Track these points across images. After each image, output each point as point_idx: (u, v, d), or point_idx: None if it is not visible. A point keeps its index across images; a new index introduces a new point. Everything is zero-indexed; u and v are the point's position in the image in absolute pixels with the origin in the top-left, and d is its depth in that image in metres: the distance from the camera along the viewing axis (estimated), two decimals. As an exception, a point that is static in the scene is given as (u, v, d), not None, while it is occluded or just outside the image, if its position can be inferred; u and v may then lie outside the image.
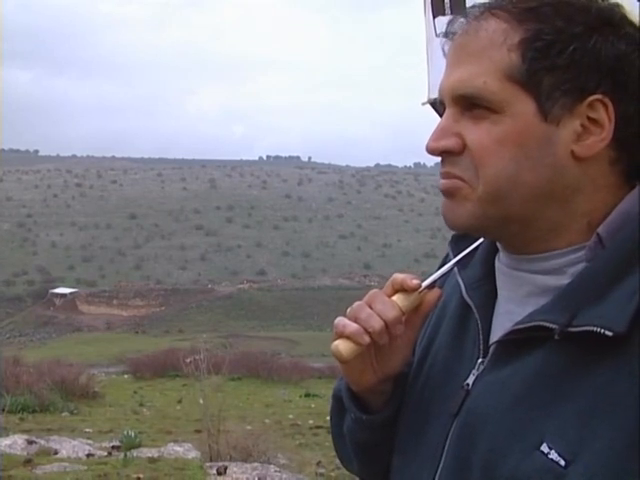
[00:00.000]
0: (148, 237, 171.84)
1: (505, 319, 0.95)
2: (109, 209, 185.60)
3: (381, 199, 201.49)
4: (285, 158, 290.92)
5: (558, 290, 0.89)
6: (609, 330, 0.80)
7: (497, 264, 1.00)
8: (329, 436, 1.24)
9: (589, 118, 0.88)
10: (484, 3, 0.94)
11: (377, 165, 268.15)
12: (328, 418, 1.23)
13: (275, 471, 8.83)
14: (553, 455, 0.81)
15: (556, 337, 0.84)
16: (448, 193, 0.93)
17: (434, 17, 2.22)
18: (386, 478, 1.10)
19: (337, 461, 1.32)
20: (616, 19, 0.90)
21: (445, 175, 0.94)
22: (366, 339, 0.96)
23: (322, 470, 10.04)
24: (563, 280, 0.90)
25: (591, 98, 0.87)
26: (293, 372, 27.67)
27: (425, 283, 1.01)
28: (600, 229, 0.89)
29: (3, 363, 18.39)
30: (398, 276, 1.00)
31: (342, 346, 0.97)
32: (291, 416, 17.73)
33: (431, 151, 0.93)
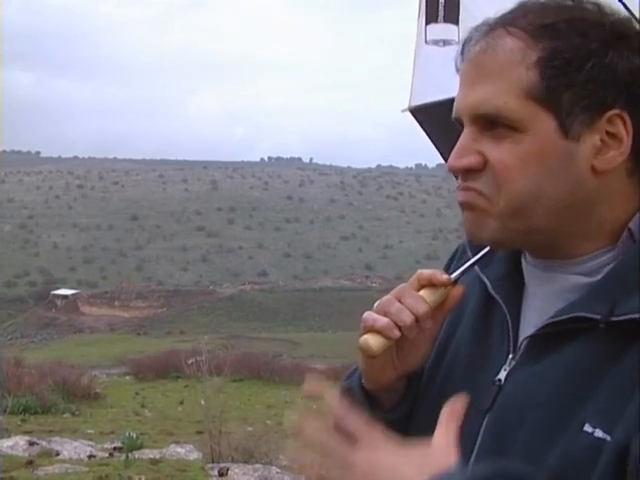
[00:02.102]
0: (150, 238, 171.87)
1: (535, 315, 0.96)
2: (111, 210, 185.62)
3: (383, 200, 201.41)
4: (286, 159, 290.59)
5: (591, 285, 0.91)
6: None
7: (524, 264, 1.01)
8: None
9: (608, 133, 0.90)
10: (498, 19, 0.94)
11: (378, 166, 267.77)
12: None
13: (277, 472, 8.83)
14: (598, 433, 0.83)
15: (601, 326, 0.86)
16: (467, 206, 0.95)
17: (427, 24, 2.19)
18: None
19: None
20: (630, 33, 0.92)
21: (465, 188, 0.94)
22: (397, 333, 0.96)
23: (323, 472, 10.00)
24: (592, 278, 0.92)
25: (610, 113, 0.89)
26: (294, 373, 27.62)
27: (452, 277, 1.03)
28: (631, 224, 0.92)
29: (5, 364, 18.37)
30: (425, 271, 1.01)
31: (372, 340, 0.96)
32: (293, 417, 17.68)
33: (453, 170, 0.95)
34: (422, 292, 1.00)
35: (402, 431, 1.05)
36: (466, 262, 1.06)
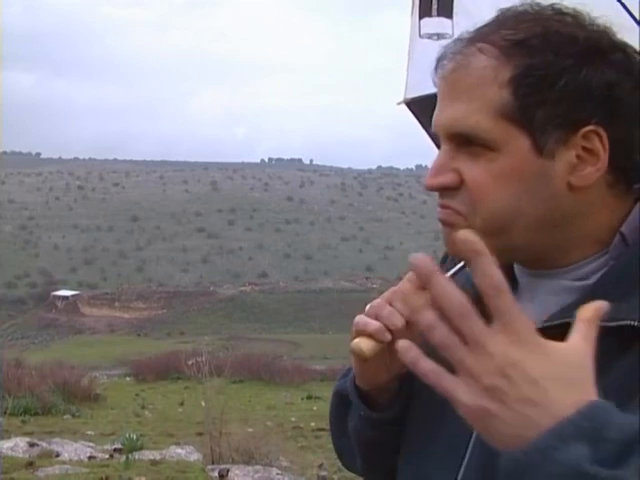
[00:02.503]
0: (150, 239, 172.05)
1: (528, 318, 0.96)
2: (111, 211, 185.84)
3: (383, 201, 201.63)
4: (287, 160, 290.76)
5: (584, 289, 0.91)
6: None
7: (517, 270, 1.01)
8: (331, 438, 1.24)
9: (584, 148, 0.89)
10: (471, 35, 0.94)
11: (379, 167, 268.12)
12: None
13: (277, 474, 8.83)
14: None
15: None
16: (446, 223, 0.95)
17: (420, 18, 2.21)
18: (391, 477, 1.10)
19: (339, 463, 1.31)
20: (604, 46, 0.91)
21: (443, 206, 0.95)
22: (388, 337, 0.97)
23: (324, 473, 10.01)
24: (585, 282, 0.92)
25: (585, 129, 0.88)
26: (295, 374, 27.64)
27: None
28: (623, 228, 0.91)
29: (5, 365, 18.38)
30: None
31: (363, 344, 0.97)
32: (293, 419, 17.71)
33: (429, 188, 0.95)
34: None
35: (395, 431, 1.07)
36: (457, 264, 1.07)
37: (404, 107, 2.41)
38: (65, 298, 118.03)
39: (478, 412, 0.68)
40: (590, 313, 0.75)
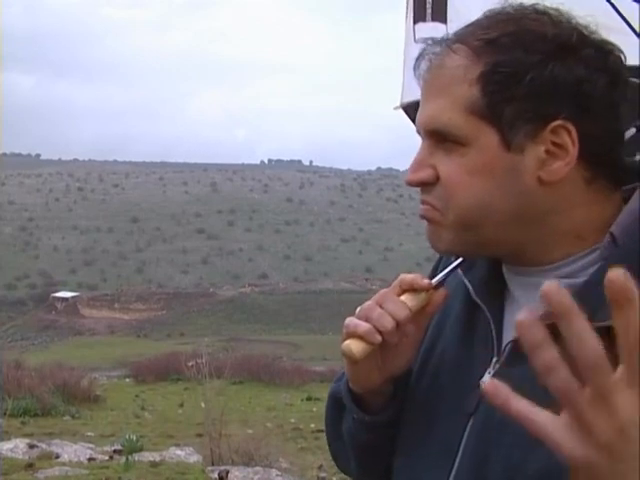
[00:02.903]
0: (150, 241, 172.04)
1: (517, 318, 0.93)
2: (111, 213, 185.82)
3: (383, 203, 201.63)
4: (287, 162, 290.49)
5: (574, 289, 0.90)
6: None
7: (505, 269, 1.02)
8: (327, 441, 1.25)
9: (553, 143, 0.90)
10: (449, 36, 0.97)
11: (379, 169, 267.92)
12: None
13: (277, 475, 8.84)
14: None
15: None
16: (425, 218, 0.98)
17: (415, 23, 2.21)
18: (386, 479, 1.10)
19: (338, 464, 1.30)
20: (573, 43, 0.91)
21: (422, 202, 0.98)
22: (378, 338, 0.97)
23: (324, 474, 10.01)
24: (576, 280, 0.92)
25: (553, 124, 0.90)
26: (295, 376, 27.61)
27: (433, 282, 1.03)
28: (613, 228, 0.91)
29: (5, 367, 18.36)
30: (407, 276, 1.02)
31: (354, 345, 0.97)
32: (293, 420, 17.70)
33: (409, 183, 0.98)
34: (404, 297, 1.00)
35: (389, 434, 1.07)
36: (449, 265, 1.08)
37: (400, 92, 2.42)
38: (65, 299, 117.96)
39: (586, 463, 0.64)
40: None
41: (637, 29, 1.35)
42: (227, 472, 8.53)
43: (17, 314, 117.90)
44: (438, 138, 0.94)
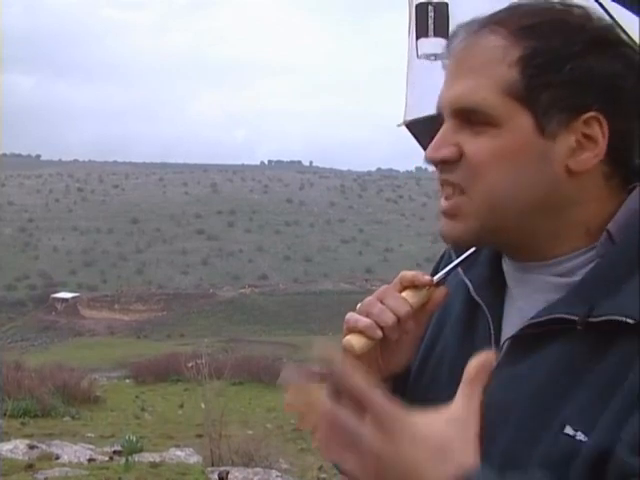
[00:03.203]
0: (150, 242, 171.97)
1: (516, 316, 0.97)
2: (111, 214, 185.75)
3: (383, 203, 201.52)
4: (287, 162, 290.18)
5: (571, 286, 0.92)
6: (630, 318, 0.84)
7: (505, 267, 1.02)
8: None
9: (584, 134, 0.91)
10: (483, 18, 0.96)
11: (378, 169, 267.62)
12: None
13: (277, 476, 8.84)
14: (580, 436, 0.84)
15: (579, 327, 0.87)
16: (450, 214, 0.96)
17: (417, 38, 2.20)
18: None
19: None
20: (612, 39, 0.94)
21: (442, 182, 0.97)
22: (379, 333, 0.97)
23: (324, 475, 10.01)
24: (572, 278, 0.93)
25: (586, 115, 0.90)
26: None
27: (434, 279, 1.04)
28: (610, 226, 0.92)
29: (5, 367, 18.36)
30: (408, 273, 1.02)
31: (354, 340, 0.97)
32: (293, 421, 17.65)
33: (430, 160, 0.96)
34: (405, 293, 1.01)
35: None
36: (449, 263, 1.08)
37: (404, 110, 2.41)
38: (65, 300, 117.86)
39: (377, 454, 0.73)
40: (474, 373, 0.78)
41: (625, 29, 1.34)
42: (227, 473, 8.54)
43: (17, 315, 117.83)
44: (465, 118, 0.93)
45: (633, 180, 0.96)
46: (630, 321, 0.83)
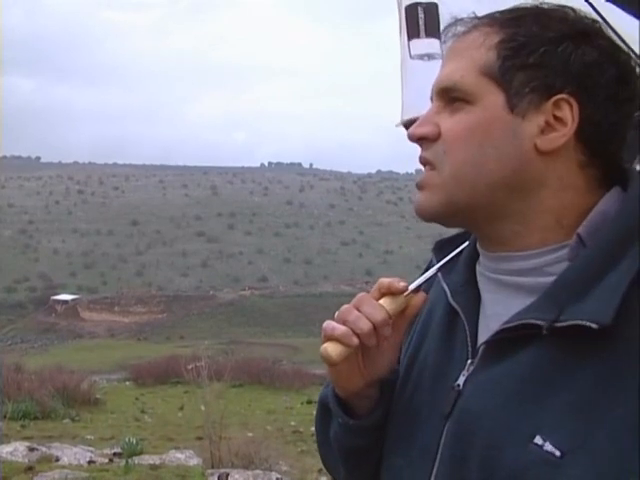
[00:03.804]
0: (150, 244, 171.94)
1: (491, 321, 0.97)
2: (111, 216, 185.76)
3: (383, 205, 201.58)
4: (287, 165, 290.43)
5: (542, 289, 0.92)
6: (595, 323, 0.83)
7: (478, 269, 1.03)
8: (317, 445, 1.25)
9: (554, 116, 0.93)
10: (475, 16, 1.03)
11: (378, 171, 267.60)
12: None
13: (277, 478, 8.81)
14: (547, 447, 0.83)
15: (544, 332, 0.87)
16: (420, 186, 0.99)
17: (409, 39, 2.21)
18: None
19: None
20: (591, 31, 0.97)
21: (420, 159, 1.00)
22: (355, 341, 0.98)
23: (324, 477, 9.99)
24: (544, 279, 0.93)
25: (557, 97, 0.93)
26: (295, 379, 27.61)
27: (411, 287, 1.03)
28: (580, 229, 0.92)
29: (4, 370, 18.35)
30: (385, 280, 1.03)
31: (331, 348, 0.98)
32: (293, 423, 17.71)
33: (410, 136, 1.00)
34: (382, 300, 1.01)
35: (375, 438, 1.09)
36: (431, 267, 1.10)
37: (399, 120, 2.43)
38: (65, 302, 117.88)
39: None
40: None
41: (619, 32, 1.34)
42: (227, 475, 8.52)
43: (17, 317, 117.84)
44: (448, 99, 0.98)
45: (614, 175, 0.96)
46: (594, 326, 0.83)
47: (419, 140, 0.99)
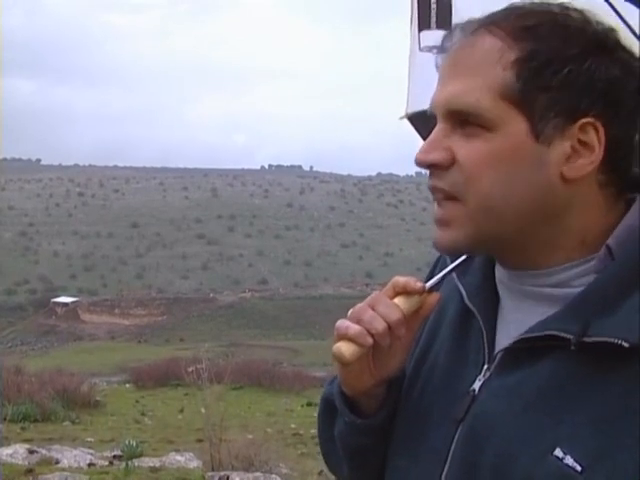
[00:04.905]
0: (150, 246, 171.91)
1: (511, 327, 0.95)
2: (111, 218, 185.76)
3: (383, 208, 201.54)
4: (287, 167, 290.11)
5: (567, 299, 0.90)
6: (625, 341, 0.80)
7: (498, 275, 1.00)
8: (319, 443, 1.24)
9: (580, 141, 0.88)
10: (480, 18, 0.94)
11: (379, 174, 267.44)
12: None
13: (277, 480, 8.81)
14: (568, 460, 0.82)
15: (572, 348, 0.84)
16: (444, 222, 0.94)
17: (419, 30, 2.18)
18: None
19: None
20: (610, 43, 0.91)
21: (432, 188, 0.94)
22: (369, 341, 0.96)
23: (324, 480, 10.00)
24: (569, 290, 0.91)
25: (583, 120, 0.88)
26: (295, 381, 27.61)
27: (427, 286, 1.02)
28: (610, 241, 0.89)
29: (4, 372, 18.34)
30: (400, 279, 1.00)
31: (344, 348, 0.97)
32: (293, 425, 17.70)
33: (419, 163, 0.94)
34: (397, 300, 0.99)
35: (380, 438, 1.07)
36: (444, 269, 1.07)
37: (406, 101, 2.40)
38: (65, 305, 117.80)
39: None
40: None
41: (636, 30, 1.34)
42: (227, 477, 8.53)
43: (17, 319, 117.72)
44: (458, 120, 0.91)
45: (628, 189, 0.94)
46: (625, 344, 0.81)
47: (429, 167, 0.93)
